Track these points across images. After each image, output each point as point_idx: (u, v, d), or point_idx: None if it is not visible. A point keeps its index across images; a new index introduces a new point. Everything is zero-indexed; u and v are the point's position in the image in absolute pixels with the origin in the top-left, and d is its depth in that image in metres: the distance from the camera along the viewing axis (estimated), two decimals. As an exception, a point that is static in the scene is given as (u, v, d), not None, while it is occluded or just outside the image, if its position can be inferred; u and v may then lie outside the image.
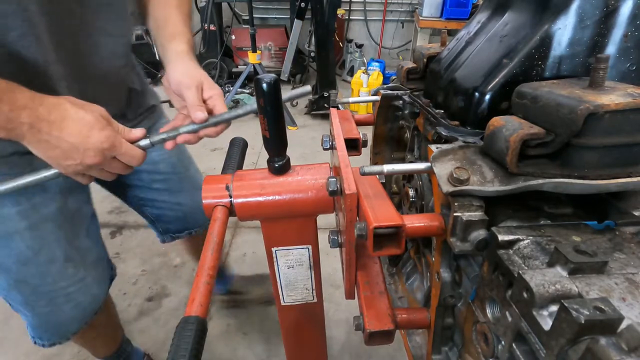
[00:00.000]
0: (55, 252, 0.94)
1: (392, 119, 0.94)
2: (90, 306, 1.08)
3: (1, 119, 0.63)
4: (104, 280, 1.13)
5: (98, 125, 0.69)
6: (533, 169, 0.48)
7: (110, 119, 0.73)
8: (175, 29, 0.86)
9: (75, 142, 0.68)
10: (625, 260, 0.43)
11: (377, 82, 3.97)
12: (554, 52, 0.57)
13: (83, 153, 0.69)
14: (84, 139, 0.68)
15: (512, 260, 0.45)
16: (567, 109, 0.45)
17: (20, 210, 0.86)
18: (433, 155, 0.55)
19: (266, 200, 0.72)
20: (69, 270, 0.98)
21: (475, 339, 0.55)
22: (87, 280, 1.03)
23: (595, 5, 0.55)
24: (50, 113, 0.67)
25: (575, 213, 0.53)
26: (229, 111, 0.77)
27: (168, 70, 0.80)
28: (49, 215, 0.90)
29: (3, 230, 0.86)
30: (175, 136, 0.77)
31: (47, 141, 0.67)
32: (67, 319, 1.05)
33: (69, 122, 0.68)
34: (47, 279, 0.95)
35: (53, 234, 0.92)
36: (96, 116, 0.70)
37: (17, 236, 0.88)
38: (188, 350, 0.48)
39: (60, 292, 0.99)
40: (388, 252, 0.52)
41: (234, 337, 1.75)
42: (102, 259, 1.12)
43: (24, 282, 0.94)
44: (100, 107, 0.72)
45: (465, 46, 0.73)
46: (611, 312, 0.33)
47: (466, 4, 3.85)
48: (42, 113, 0.66)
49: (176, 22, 0.87)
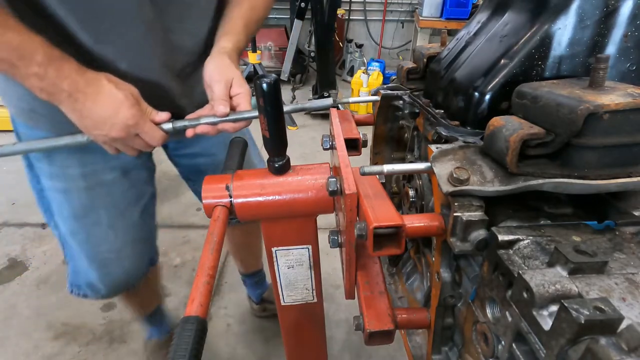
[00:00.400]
0: (101, 216, 1.04)
1: (392, 119, 0.94)
2: (121, 279, 1.15)
3: (48, 83, 0.71)
4: (141, 259, 1.18)
5: (127, 103, 0.76)
6: (533, 169, 0.48)
7: (139, 99, 0.79)
8: (230, 28, 0.90)
9: (105, 116, 0.75)
10: (625, 260, 0.43)
11: (377, 82, 3.97)
12: (554, 52, 0.57)
13: (110, 126, 0.76)
14: (113, 113, 0.75)
15: (512, 260, 0.45)
16: (567, 109, 0.45)
17: (83, 172, 0.97)
18: (433, 155, 0.55)
19: (266, 200, 0.72)
20: (110, 237, 1.07)
21: (475, 339, 0.55)
22: (122, 253, 1.10)
23: (595, 5, 0.55)
24: (88, 86, 0.74)
25: (575, 213, 0.53)
26: (251, 111, 0.81)
27: (205, 63, 0.84)
28: (105, 182, 1.00)
29: (66, 186, 0.98)
30: (195, 125, 0.82)
31: (81, 110, 0.75)
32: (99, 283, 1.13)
33: (102, 96, 0.75)
34: (91, 238, 1.06)
35: (103, 200, 1.02)
36: (127, 95, 0.76)
37: (75, 193, 0.99)
38: (188, 350, 0.48)
39: (99, 255, 1.08)
40: (388, 252, 0.52)
41: (234, 337, 1.76)
42: (146, 240, 1.18)
43: (75, 234, 1.06)
44: (132, 87, 0.79)
45: (465, 46, 0.73)
46: (611, 312, 0.33)
47: (466, 4, 3.86)
48: (81, 85, 0.73)
49: (235, 23, 0.90)
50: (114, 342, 1.75)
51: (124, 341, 1.75)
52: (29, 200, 2.70)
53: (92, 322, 1.84)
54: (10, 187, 2.85)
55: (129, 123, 0.76)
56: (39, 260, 2.21)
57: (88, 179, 0.99)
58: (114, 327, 1.81)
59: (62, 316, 1.86)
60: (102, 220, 1.05)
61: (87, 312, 1.88)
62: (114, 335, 1.78)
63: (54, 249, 2.29)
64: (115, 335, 1.78)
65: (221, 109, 0.79)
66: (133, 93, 0.78)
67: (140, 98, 0.80)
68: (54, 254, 2.26)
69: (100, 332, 1.79)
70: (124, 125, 0.76)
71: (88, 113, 0.75)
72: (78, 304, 1.93)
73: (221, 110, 0.79)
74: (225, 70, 0.82)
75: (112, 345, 1.73)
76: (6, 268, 2.17)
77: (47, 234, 2.41)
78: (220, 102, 0.79)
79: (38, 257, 2.23)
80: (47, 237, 2.38)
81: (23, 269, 2.15)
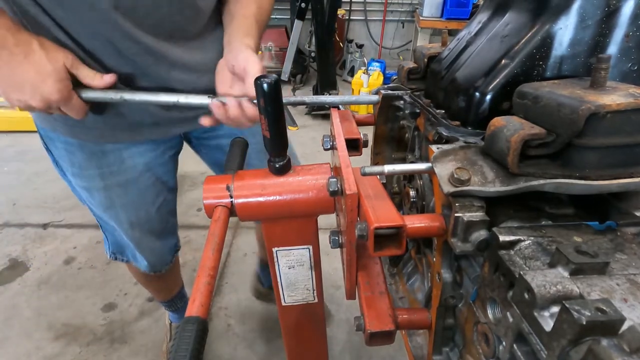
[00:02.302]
0: (119, 213, 1.09)
1: (392, 119, 0.94)
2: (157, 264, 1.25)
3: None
4: (162, 248, 1.25)
5: (55, 77, 0.72)
6: (534, 170, 0.48)
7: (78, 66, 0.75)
8: (249, 29, 0.89)
9: (26, 82, 0.71)
10: (626, 261, 0.43)
11: (377, 82, 3.97)
12: (555, 52, 0.57)
13: (31, 95, 0.72)
14: (36, 83, 0.71)
15: (513, 261, 0.45)
16: (569, 109, 0.45)
17: (101, 172, 1.01)
18: (434, 156, 0.55)
19: (267, 201, 0.72)
20: (129, 231, 1.13)
21: (476, 339, 0.55)
22: (143, 244, 1.18)
23: (596, 5, 0.55)
24: (17, 45, 0.70)
25: (577, 213, 0.52)
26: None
27: (234, 52, 0.82)
28: (121, 183, 1.04)
29: (87, 185, 1.04)
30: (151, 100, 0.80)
31: (1, 68, 0.71)
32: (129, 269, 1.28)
33: (29, 61, 0.70)
34: (117, 230, 1.15)
35: (121, 199, 1.06)
36: (57, 68, 0.72)
37: (95, 192, 1.05)
38: (189, 351, 0.48)
39: (126, 246, 1.20)
40: (389, 253, 0.52)
41: (235, 337, 1.76)
42: (165, 232, 1.23)
43: (107, 221, 1.15)
44: (68, 56, 0.74)
45: (466, 46, 0.73)
46: (613, 313, 0.32)
47: (466, 4, 3.86)
48: (9, 42, 0.69)
49: (251, 24, 0.90)
50: (114, 343, 1.75)
51: (124, 342, 1.75)
52: (29, 200, 2.74)
53: (93, 322, 1.84)
54: (11, 188, 2.86)
55: (51, 98, 0.73)
56: (39, 261, 2.22)
57: (106, 179, 1.02)
58: (114, 327, 1.82)
59: (63, 317, 1.87)
60: (121, 216, 1.09)
61: (87, 312, 1.89)
62: (115, 335, 1.78)
63: (55, 250, 2.30)
64: (116, 335, 1.78)
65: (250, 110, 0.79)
66: (67, 63, 0.74)
67: (79, 65, 0.76)
68: (55, 254, 2.26)
69: (101, 333, 1.79)
70: (45, 99, 0.73)
71: (9, 74, 0.71)
72: (79, 305, 1.93)
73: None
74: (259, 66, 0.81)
75: (113, 346, 1.74)
76: (7, 268, 2.17)
77: (48, 235, 2.42)
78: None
79: (39, 258, 2.24)
80: (48, 238, 2.39)
81: (24, 270, 2.16)
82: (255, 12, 0.92)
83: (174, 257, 1.33)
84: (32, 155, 3.25)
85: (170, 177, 1.16)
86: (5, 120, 3.70)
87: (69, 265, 2.19)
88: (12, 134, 3.63)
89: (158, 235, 1.20)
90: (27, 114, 3.62)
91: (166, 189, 1.15)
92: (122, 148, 1.01)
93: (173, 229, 1.27)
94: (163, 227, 1.20)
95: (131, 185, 1.06)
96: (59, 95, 0.73)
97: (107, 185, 1.03)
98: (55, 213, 2.60)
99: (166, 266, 1.30)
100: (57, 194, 2.75)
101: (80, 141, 0.97)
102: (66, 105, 0.76)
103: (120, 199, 1.07)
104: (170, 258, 1.31)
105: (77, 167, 1.01)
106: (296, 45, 4.06)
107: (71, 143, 0.98)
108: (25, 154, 3.29)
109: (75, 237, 2.39)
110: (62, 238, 2.39)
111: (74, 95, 0.77)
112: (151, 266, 1.26)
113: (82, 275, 2.12)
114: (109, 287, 2.01)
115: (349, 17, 5.15)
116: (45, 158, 1.07)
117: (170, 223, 1.24)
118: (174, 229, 1.29)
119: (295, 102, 0.92)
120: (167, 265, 1.31)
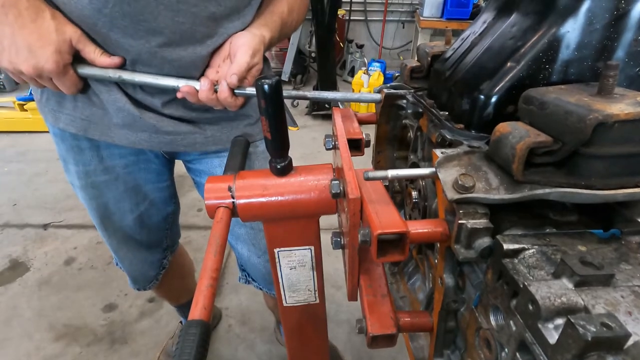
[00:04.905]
0: (94, 216, 1.05)
1: (395, 118, 0.93)
2: (138, 279, 1.20)
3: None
4: (144, 266, 1.18)
5: (56, 46, 0.70)
6: (539, 177, 0.48)
7: (84, 43, 0.74)
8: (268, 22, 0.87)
9: (24, 45, 0.69)
10: (631, 271, 0.42)
11: (377, 82, 3.97)
12: (562, 56, 0.56)
13: (25, 59, 0.70)
14: (35, 48, 0.70)
15: (517, 270, 0.44)
16: (576, 118, 0.44)
17: (77, 170, 0.98)
18: (438, 161, 0.55)
19: (269, 201, 0.72)
20: (105, 236, 1.09)
21: (478, 344, 0.55)
22: (120, 254, 1.13)
23: (605, 8, 0.54)
24: (28, 9, 0.69)
25: (581, 220, 0.52)
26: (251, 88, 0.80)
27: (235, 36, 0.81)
28: (96, 184, 0.99)
29: (70, 180, 1.02)
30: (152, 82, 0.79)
31: (2, 29, 0.69)
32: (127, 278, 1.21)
33: (35, 26, 0.69)
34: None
35: (95, 201, 1.02)
36: (62, 39, 0.71)
37: (77, 190, 1.02)
38: (192, 355, 0.48)
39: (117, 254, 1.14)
40: (392, 259, 0.52)
41: (236, 338, 1.76)
42: (145, 246, 1.15)
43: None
44: (77, 31, 0.73)
45: (470, 47, 0.72)
46: (618, 329, 0.32)
47: (467, 4, 3.82)
48: (22, 4, 0.68)
49: (274, 20, 0.89)
50: (115, 343, 1.76)
51: (125, 342, 1.76)
52: (30, 201, 2.74)
53: (94, 323, 1.85)
54: (12, 188, 2.85)
55: (45, 66, 0.71)
56: (40, 262, 2.22)
57: (82, 179, 0.98)
58: (115, 328, 1.82)
59: (64, 317, 1.87)
60: (95, 219, 1.06)
61: (88, 313, 1.89)
62: (115, 336, 1.79)
63: (55, 250, 2.30)
64: (116, 336, 1.79)
65: (234, 78, 0.77)
66: (73, 38, 0.72)
67: (87, 41, 0.75)
68: (56, 254, 2.27)
69: (101, 333, 1.80)
70: (39, 66, 0.71)
71: (10, 33, 0.69)
72: (79, 305, 1.94)
73: (233, 79, 0.77)
74: (256, 52, 0.79)
75: (114, 346, 1.74)
76: (7, 269, 2.17)
77: (48, 235, 2.42)
78: (236, 71, 0.77)
79: (39, 258, 2.24)
80: (49, 238, 2.39)
81: (24, 270, 2.16)
82: (283, 11, 0.91)
83: (159, 274, 1.22)
84: (32, 155, 3.23)
85: (153, 188, 1.06)
86: (6, 121, 3.68)
87: (69, 265, 2.20)
88: (13, 135, 3.62)
89: (137, 247, 1.13)
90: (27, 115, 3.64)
91: (149, 200, 1.06)
92: (101, 146, 0.95)
93: (158, 243, 1.18)
94: (143, 239, 1.12)
95: (108, 187, 1.00)
96: (54, 65, 0.71)
97: (83, 185, 0.99)
98: (56, 213, 2.60)
99: (149, 284, 1.22)
100: (58, 194, 2.75)
101: (61, 131, 0.93)
102: (59, 78, 0.75)
103: (95, 200, 1.01)
104: (154, 275, 1.21)
105: (61, 159, 0.99)
106: (296, 45, 4.03)
107: (55, 133, 0.95)
108: (26, 155, 3.28)
109: (75, 238, 2.39)
110: (62, 238, 2.39)
111: (70, 70, 0.75)
112: (133, 280, 1.19)
113: (83, 276, 2.12)
114: (109, 288, 2.02)
115: (349, 17, 5.07)
116: (46, 159, 1.07)
117: (154, 237, 1.15)
118: (159, 244, 1.19)
119: (297, 96, 0.92)
120: (151, 283, 1.22)
